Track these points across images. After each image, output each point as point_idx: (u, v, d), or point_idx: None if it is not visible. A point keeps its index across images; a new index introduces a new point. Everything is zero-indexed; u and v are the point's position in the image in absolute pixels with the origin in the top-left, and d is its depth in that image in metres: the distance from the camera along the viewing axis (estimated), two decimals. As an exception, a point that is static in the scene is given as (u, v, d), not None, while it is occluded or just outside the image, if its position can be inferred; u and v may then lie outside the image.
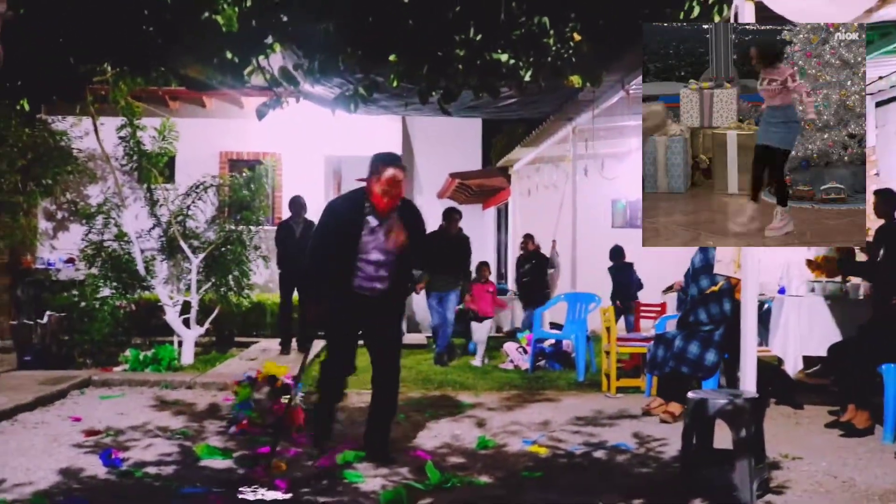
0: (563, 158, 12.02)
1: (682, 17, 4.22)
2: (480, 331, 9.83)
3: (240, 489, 4.24)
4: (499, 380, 8.33)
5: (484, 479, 4.61)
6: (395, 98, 7.38)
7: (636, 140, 12.10)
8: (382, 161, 4.59)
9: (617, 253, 11.57)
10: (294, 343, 9.93)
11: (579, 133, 10.15)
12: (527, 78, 3.46)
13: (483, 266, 10.35)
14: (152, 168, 10.00)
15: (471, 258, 10.09)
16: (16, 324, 8.93)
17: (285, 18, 3.39)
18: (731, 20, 4.61)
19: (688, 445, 4.38)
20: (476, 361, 9.59)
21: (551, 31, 3.38)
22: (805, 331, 6.44)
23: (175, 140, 10.67)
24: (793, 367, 6.44)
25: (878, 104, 8.18)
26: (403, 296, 5.42)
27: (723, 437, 4.42)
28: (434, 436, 5.72)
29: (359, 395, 7.29)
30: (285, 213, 12.15)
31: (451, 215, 9.90)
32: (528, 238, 12.06)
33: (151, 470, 4.74)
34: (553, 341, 9.45)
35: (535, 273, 11.79)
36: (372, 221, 4.80)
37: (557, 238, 12.36)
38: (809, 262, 6.84)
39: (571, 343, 9.06)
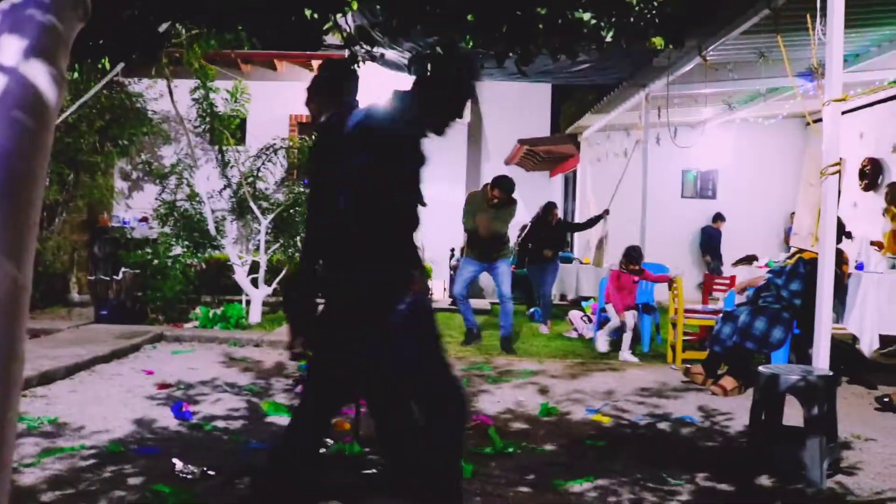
0: (634, 126, 11.79)
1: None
2: (628, 319, 8.04)
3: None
4: (562, 348, 8.30)
5: (547, 446, 4.61)
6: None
7: (711, 109, 11.85)
8: None
9: (718, 217, 13.48)
10: None
11: (652, 100, 9.93)
12: (608, 38, 3.37)
13: (632, 252, 8.28)
14: (224, 130, 10.16)
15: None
16: (93, 279, 9.22)
17: (363, -25, 3.38)
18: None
19: (756, 421, 4.30)
20: (623, 355, 7.85)
21: (635, -11, 3.29)
22: (883, 309, 6.22)
23: (246, 102, 10.80)
24: (868, 346, 6.25)
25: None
26: None
27: (792, 414, 4.33)
28: (497, 401, 5.73)
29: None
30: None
31: (497, 185, 8.33)
32: (553, 208, 10.70)
33: (220, 424, 4.86)
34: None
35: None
36: None
37: (625, 207, 12.15)
38: (873, 243, 6.61)
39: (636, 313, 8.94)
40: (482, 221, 8.13)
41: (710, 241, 13.62)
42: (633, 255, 8.17)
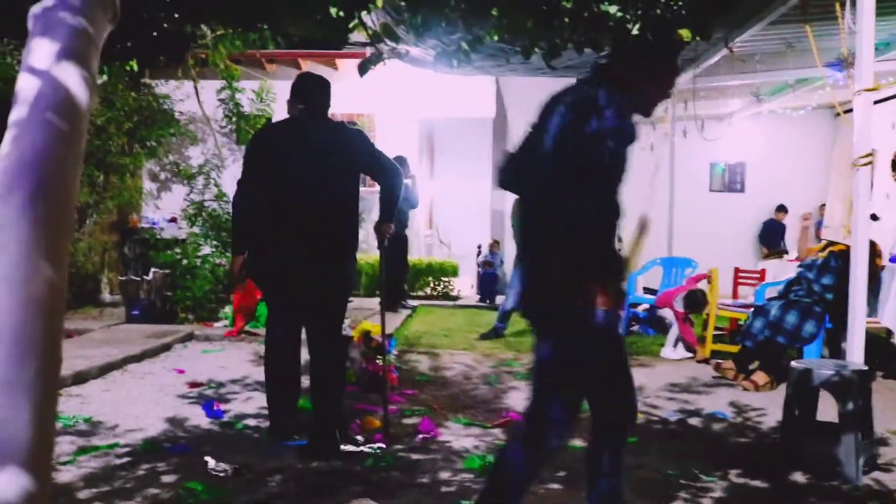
0: (660, 119, 11.70)
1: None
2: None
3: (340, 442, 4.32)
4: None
5: (576, 442, 4.58)
6: (490, 58, 7.29)
7: (739, 101, 11.72)
8: None
9: (781, 208, 13.20)
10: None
11: (679, 93, 9.83)
12: (634, 32, 3.35)
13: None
14: (250, 130, 10.23)
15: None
16: (124, 279, 9.31)
17: (389, -28, 3.38)
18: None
19: (789, 416, 4.25)
20: (666, 351, 7.65)
21: (662, -18, 3.26)
22: (918, 302, 6.13)
23: (272, 102, 10.87)
24: (904, 339, 6.16)
25: None
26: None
27: (826, 410, 4.27)
28: (526, 398, 5.70)
29: (451, 356, 7.36)
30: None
31: None
32: None
33: (251, 422, 4.90)
34: (647, 306, 9.28)
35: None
36: None
37: (653, 201, 12.06)
38: None
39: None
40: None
41: (769, 233, 13.31)
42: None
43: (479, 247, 13.44)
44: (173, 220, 11.59)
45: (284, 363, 4.42)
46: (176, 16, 3.54)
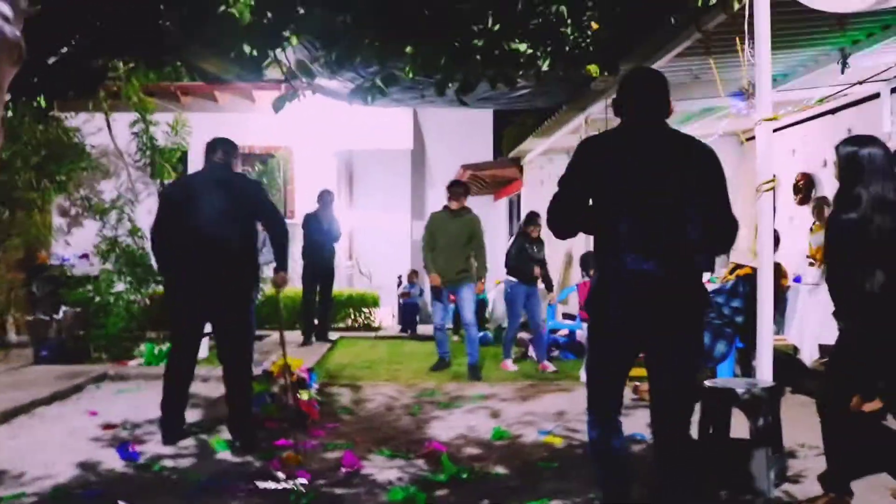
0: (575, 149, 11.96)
1: (699, 3, 4.18)
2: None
3: (258, 481, 4.26)
4: (512, 371, 8.32)
5: (499, 469, 4.62)
6: (408, 91, 7.37)
7: (648, 130, 12.06)
8: None
9: None
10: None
11: (592, 123, 10.09)
12: (545, 67, 3.43)
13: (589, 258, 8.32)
14: (165, 163, 10.05)
15: (484, 245, 8.50)
16: (32, 319, 8.99)
17: (302, 11, 3.37)
18: (747, 5, 4.59)
19: (704, 435, 4.37)
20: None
21: (569, 20, 3.36)
22: (821, 319, 6.39)
23: (187, 135, 10.70)
24: (809, 355, 6.41)
25: (894, 90, 8.12)
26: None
27: (739, 426, 4.41)
28: (449, 427, 5.73)
29: (373, 387, 7.33)
30: (299, 206, 12.20)
31: (453, 189, 8.48)
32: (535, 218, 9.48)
33: (168, 463, 4.77)
34: (566, 332, 9.44)
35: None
36: None
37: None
38: (808, 256, 6.82)
39: (585, 334, 9.03)
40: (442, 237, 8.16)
41: None
42: (590, 262, 8.16)
43: (400, 277, 13.45)
44: (85, 256, 11.26)
45: (182, 379, 5.27)
46: (85, 53, 3.47)
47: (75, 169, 11.00)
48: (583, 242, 10.10)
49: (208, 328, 5.56)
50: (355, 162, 16.58)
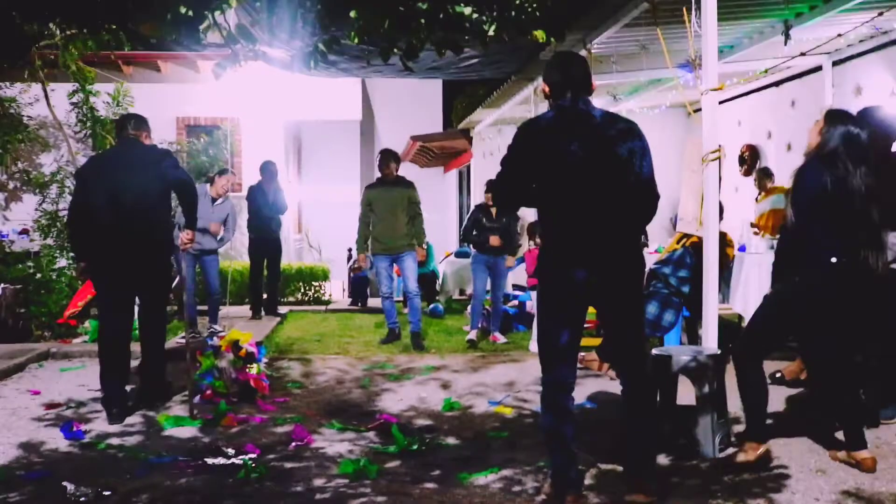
0: (525, 119, 11.96)
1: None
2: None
3: (206, 457, 4.20)
4: (463, 342, 8.35)
5: (450, 440, 4.63)
6: (355, 60, 7.26)
7: (597, 101, 12.13)
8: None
9: None
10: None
11: (541, 93, 10.08)
12: (490, 33, 3.40)
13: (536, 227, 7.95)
14: (107, 135, 9.78)
15: (421, 212, 8.38)
16: (-31, 297, 8.71)
17: (240, -31, 3.29)
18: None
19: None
20: (534, 345, 7.36)
21: (515, -16, 3.33)
22: (765, 288, 6.50)
23: (130, 106, 10.44)
24: (753, 323, 6.52)
25: (835, 63, 8.25)
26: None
27: (684, 393, 4.48)
28: (400, 399, 5.73)
29: (323, 361, 7.29)
30: (246, 179, 12.01)
31: (384, 158, 8.42)
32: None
33: (114, 441, 4.69)
34: (517, 302, 9.49)
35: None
36: None
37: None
38: (753, 225, 6.93)
39: (534, 304, 9.07)
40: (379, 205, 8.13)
41: None
42: (536, 230, 8.15)
43: (350, 250, 13.36)
44: (25, 231, 10.95)
45: (116, 351, 5.40)
46: (13, 14, 3.32)
47: (12, 141, 10.67)
48: (532, 210, 10.14)
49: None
50: (304, 133, 16.38)
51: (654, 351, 4.54)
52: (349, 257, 13.69)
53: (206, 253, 8.40)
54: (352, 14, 3.19)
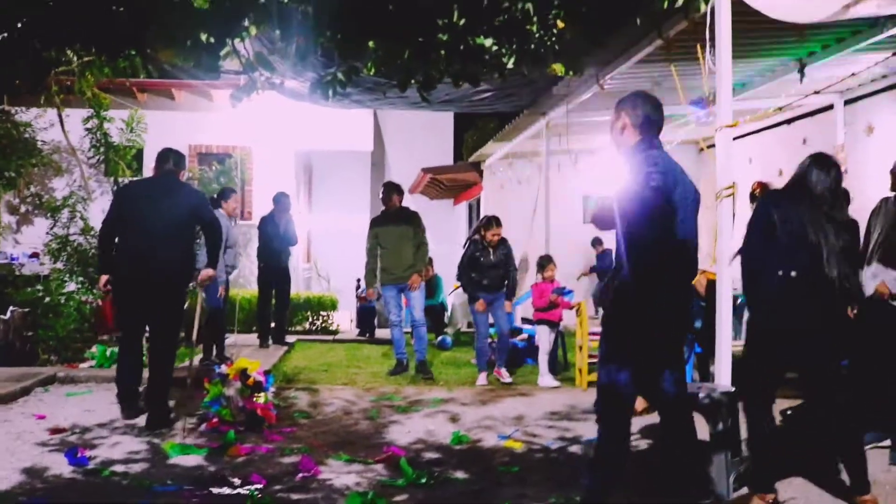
0: (536, 153, 11.99)
1: (664, 6, 4.18)
2: (543, 338, 8.01)
3: (212, 487, 4.15)
4: (471, 375, 8.28)
5: (459, 474, 4.57)
6: (368, 91, 7.30)
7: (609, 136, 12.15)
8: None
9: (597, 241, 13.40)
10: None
11: (553, 128, 10.12)
12: (510, 65, 3.41)
13: (548, 262, 8.25)
14: (120, 161, 9.86)
15: (426, 240, 8.43)
16: (-23, 319, 8.71)
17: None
18: (709, 13, 4.61)
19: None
20: (544, 380, 7.81)
21: (535, 18, 3.33)
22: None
23: (143, 132, 10.51)
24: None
25: (847, 102, 8.26)
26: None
27: (698, 430, 4.41)
28: (408, 431, 5.67)
29: (331, 391, 7.25)
30: (257, 208, 12.04)
31: (387, 190, 8.48)
32: (494, 222, 8.37)
33: (119, 468, 4.63)
34: (525, 336, 9.42)
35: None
36: None
37: (530, 233, 12.33)
38: None
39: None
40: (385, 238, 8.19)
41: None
42: (544, 263, 8.21)
43: (358, 280, 13.33)
44: (35, 255, 10.98)
45: (133, 356, 5.82)
46: (34, 41, 3.34)
47: (25, 165, 10.75)
48: (541, 245, 10.12)
49: None
50: (315, 163, 16.45)
51: (667, 387, 4.47)
52: (357, 287, 13.67)
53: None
54: (370, 44, 3.19)
